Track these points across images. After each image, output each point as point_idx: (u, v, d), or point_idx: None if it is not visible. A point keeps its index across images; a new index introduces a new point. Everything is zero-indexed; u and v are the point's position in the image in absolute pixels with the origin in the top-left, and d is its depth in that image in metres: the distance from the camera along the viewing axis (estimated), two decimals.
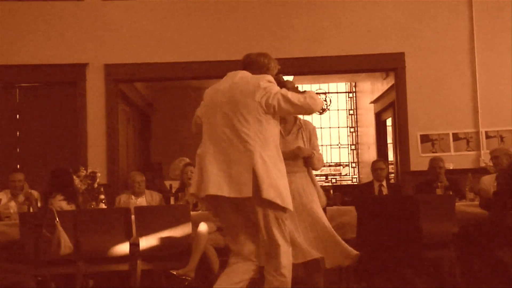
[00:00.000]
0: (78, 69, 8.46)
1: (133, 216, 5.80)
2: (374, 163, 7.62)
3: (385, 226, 5.46)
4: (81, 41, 8.52)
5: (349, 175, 13.94)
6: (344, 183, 13.74)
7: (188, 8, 8.67)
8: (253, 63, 4.16)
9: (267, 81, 3.97)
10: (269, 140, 3.92)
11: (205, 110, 4.12)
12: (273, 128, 3.98)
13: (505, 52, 8.47)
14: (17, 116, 8.62)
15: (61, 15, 8.56)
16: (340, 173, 13.96)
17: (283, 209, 3.91)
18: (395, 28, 8.58)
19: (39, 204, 6.44)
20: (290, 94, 3.98)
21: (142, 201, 7.17)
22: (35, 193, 6.71)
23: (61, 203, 6.14)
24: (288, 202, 3.91)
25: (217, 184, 3.85)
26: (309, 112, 4.17)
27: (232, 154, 3.87)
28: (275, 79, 4.11)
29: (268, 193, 3.80)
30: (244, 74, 4.06)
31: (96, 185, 6.84)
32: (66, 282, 5.92)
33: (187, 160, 7.79)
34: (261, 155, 3.84)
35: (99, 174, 6.91)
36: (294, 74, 10.62)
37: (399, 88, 8.60)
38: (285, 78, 4.51)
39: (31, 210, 6.24)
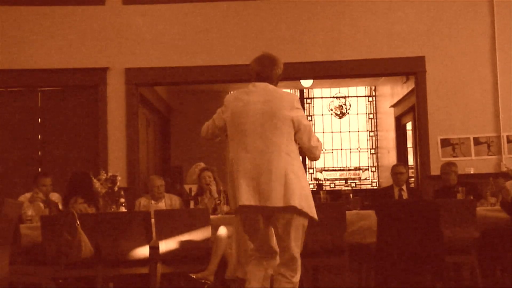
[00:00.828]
0: (99, 73, 8.53)
1: (153, 220, 5.82)
2: (394, 167, 7.58)
3: (405, 231, 5.43)
4: (102, 45, 8.59)
5: (368, 179, 13.87)
6: (363, 187, 13.68)
7: (207, 12, 8.71)
8: (270, 77, 4.25)
9: (299, 102, 4.18)
10: (295, 153, 4.10)
11: (234, 118, 4.17)
12: (296, 145, 4.14)
13: None
14: (39, 119, 8.71)
15: (82, 20, 8.63)
16: (360, 177, 13.90)
17: (310, 220, 4.08)
18: (415, 31, 8.55)
19: (60, 207, 6.48)
20: (313, 134, 4.19)
21: (161, 205, 7.18)
22: (56, 196, 6.76)
23: (81, 206, 6.18)
24: (314, 212, 4.07)
25: (246, 194, 3.96)
26: (307, 153, 4.25)
27: (263, 164, 3.99)
28: None
29: (300, 203, 3.95)
30: (273, 88, 4.19)
31: (116, 189, 6.85)
32: (87, 285, 5.96)
33: (203, 165, 7.80)
34: (291, 167, 3.99)
35: (119, 178, 6.93)
36: (313, 78, 10.65)
37: (419, 92, 8.56)
38: (304, 82, 4.58)
39: (52, 213, 6.28)
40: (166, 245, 5.71)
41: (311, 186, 13.32)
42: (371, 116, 14.02)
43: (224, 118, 4.23)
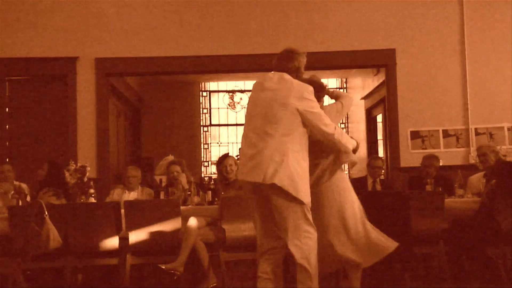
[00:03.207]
0: (69, 62, 8.43)
1: (122, 210, 5.78)
2: (372, 161, 7.59)
3: (375, 222, 5.46)
4: (71, 35, 8.49)
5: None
6: None
7: (179, 2, 8.65)
8: (286, 69, 4.50)
9: (310, 93, 4.36)
10: (296, 140, 4.25)
11: (249, 103, 4.49)
12: (302, 131, 4.31)
13: (495, 50, 8.51)
14: (7, 109, 8.59)
15: (51, 8, 8.51)
16: None
17: (298, 201, 4.17)
18: (386, 24, 8.60)
19: (28, 198, 6.41)
20: (326, 120, 4.38)
21: (134, 195, 7.14)
22: (24, 187, 6.67)
23: (50, 197, 6.11)
24: (303, 195, 4.17)
25: (243, 171, 4.29)
26: (328, 143, 4.49)
27: (259, 144, 4.22)
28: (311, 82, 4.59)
29: (281, 181, 4.11)
30: (288, 77, 4.41)
31: (85, 179, 6.81)
32: (55, 276, 5.91)
33: (171, 158, 7.76)
34: (284, 149, 4.17)
35: (88, 168, 6.88)
36: None
37: (389, 84, 8.61)
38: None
39: (20, 203, 6.20)
40: (136, 236, 5.68)
41: None
42: None
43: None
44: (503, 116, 8.42)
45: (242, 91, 13.59)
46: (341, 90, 13.94)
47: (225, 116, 13.73)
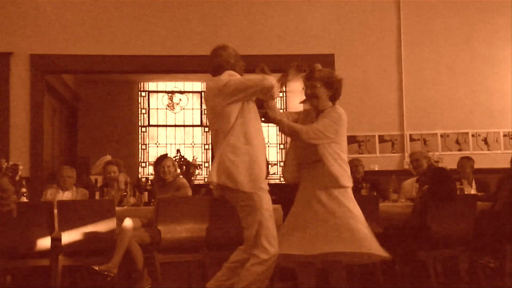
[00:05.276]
0: (2, 58, 8.20)
1: (56, 210, 5.66)
2: None
3: None
4: (5, 29, 8.27)
5: (277, 174, 14.01)
6: (271, 182, 13.80)
7: (119, 0, 8.55)
8: (211, 69, 4.61)
9: (226, 86, 4.37)
10: (234, 131, 4.29)
11: None
12: (237, 119, 4.35)
13: (431, 58, 8.74)
14: None
15: None
16: (268, 172, 14.00)
17: (242, 192, 4.19)
18: (326, 30, 8.70)
19: None
20: (245, 80, 4.57)
21: (68, 195, 7.00)
22: None
23: None
24: (241, 184, 4.16)
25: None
26: (263, 97, 4.77)
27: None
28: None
29: (220, 178, 4.16)
30: (209, 80, 4.54)
31: (17, 178, 6.64)
32: None
33: (109, 158, 7.65)
34: (223, 146, 4.22)
35: (21, 167, 6.71)
36: None
37: None
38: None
39: None
40: (69, 237, 5.56)
41: None
42: (281, 110, 14.13)
43: None
44: (437, 123, 8.65)
45: (181, 92, 13.52)
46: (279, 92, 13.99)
47: (163, 117, 13.62)
